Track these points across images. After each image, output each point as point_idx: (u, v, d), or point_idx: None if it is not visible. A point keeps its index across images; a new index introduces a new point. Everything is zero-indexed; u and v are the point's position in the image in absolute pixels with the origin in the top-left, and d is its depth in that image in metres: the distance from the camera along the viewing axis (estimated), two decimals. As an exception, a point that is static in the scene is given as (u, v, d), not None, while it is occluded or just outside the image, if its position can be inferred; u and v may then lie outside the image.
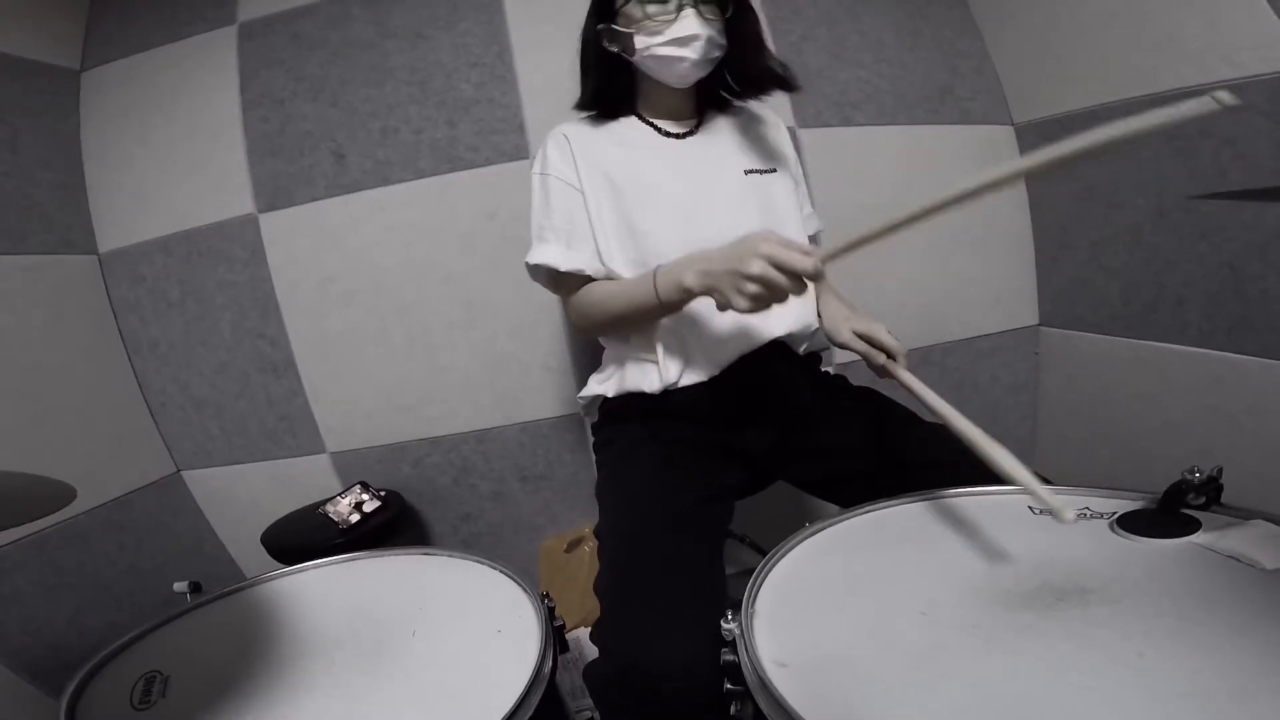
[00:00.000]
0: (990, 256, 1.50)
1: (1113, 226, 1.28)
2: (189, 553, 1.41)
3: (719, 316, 0.85)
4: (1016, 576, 0.57)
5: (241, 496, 1.44)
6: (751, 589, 0.59)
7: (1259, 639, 0.45)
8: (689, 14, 0.82)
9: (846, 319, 0.92)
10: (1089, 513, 0.65)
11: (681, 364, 0.88)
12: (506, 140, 1.36)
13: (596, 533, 0.81)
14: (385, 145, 1.36)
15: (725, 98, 0.97)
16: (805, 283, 0.67)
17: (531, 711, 0.53)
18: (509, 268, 1.33)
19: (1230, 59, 0.99)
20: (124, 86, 1.38)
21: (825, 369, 1.00)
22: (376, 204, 1.36)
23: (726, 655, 0.54)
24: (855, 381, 1.00)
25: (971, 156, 1.46)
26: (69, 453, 1.21)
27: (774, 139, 0.99)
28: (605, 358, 0.99)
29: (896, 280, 1.45)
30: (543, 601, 0.67)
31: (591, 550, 1.29)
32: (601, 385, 0.96)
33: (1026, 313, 1.52)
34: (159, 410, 1.42)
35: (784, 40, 1.40)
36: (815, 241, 1.04)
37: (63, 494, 0.54)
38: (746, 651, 0.52)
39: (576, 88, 0.96)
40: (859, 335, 0.89)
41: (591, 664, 0.66)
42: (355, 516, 1.23)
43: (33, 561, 1.12)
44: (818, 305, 0.96)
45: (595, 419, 1.00)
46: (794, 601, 0.58)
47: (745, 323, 0.86)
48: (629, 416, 0.93)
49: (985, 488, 0.72)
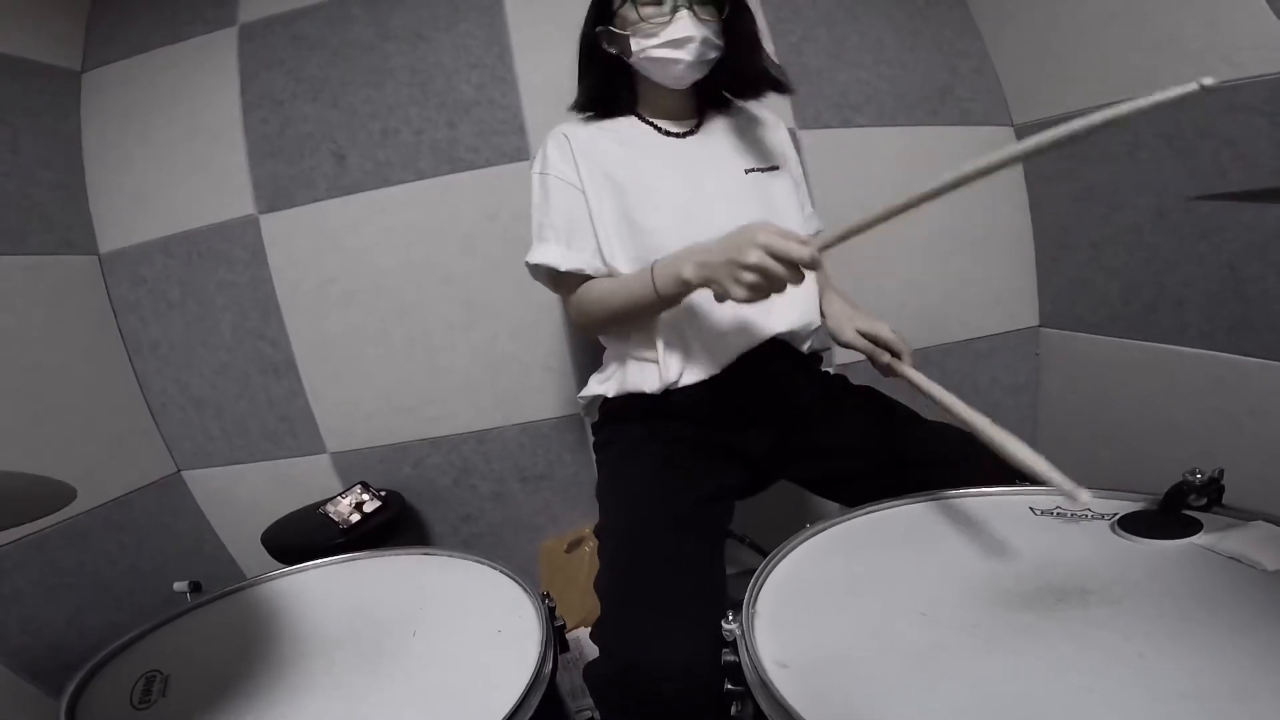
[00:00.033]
0: (990, 257, 1.49)
1: (1113, 227, 1.28)
2: (189, 553, 1.41)
3: (719, 311, 0.86)
4: (1017, 577, 0.57)
5: (242, 496, 1.44)
6: (752, 589, 0.59)
7: (1260, 640, 0.45)
8: (684, 16, 0.82)
9: (850, 318, 0.92)
10: (1090, 514, 0.65)
11: (682, 361, 0.87)
12: (507, 141, 1.36)
13: (597, 532, 0.81)
14: (386, 146, 1.36)
15: (726, 98, 0.97)
16: (803, 272, 0.67)
17: (532, 712, 0.53)
18: (509, 268, 1.33)
19: (1230, 59, 0.99)
20: (124, 87, 1.38)
21: (825, 369, 1.00)
22: (377, 205, 1.36)
23: (727, 655, 0.54)
24: (855, 381, 1.00)
25: (972, 157, 1.45)
26: (69, 453, 1.21)
27: (774, 139, 0.99)
28: (606, 357, 0.99)
29: (896, 281, 1.44)
30: (543, 601, 0.67)
31: (592, 550, 1.29)
32: (602, 385, 0.96)
33: (1027, 313, 1.52)
34: (159, 410, 1.42)
35: (784, 41, 1.40)
36: (816, 242, 1.04)
37: (63, 494, 0.54)
38: (747, 652, 0.52)
39: (576, 89, 0.96)
40: (863, 334, 0.89)
41: (592, 664, 0.66)
42: (355, 517, 1.23)
43: (33, 561, 1.12)
44: (821, 305, 0.96)
45: (595, 419, 1.00)
46: (795, 602, 0.58)
47: (745, 319, 0.86)
48: (629, 416, 0.93)
49: (986, 488, 0.73)
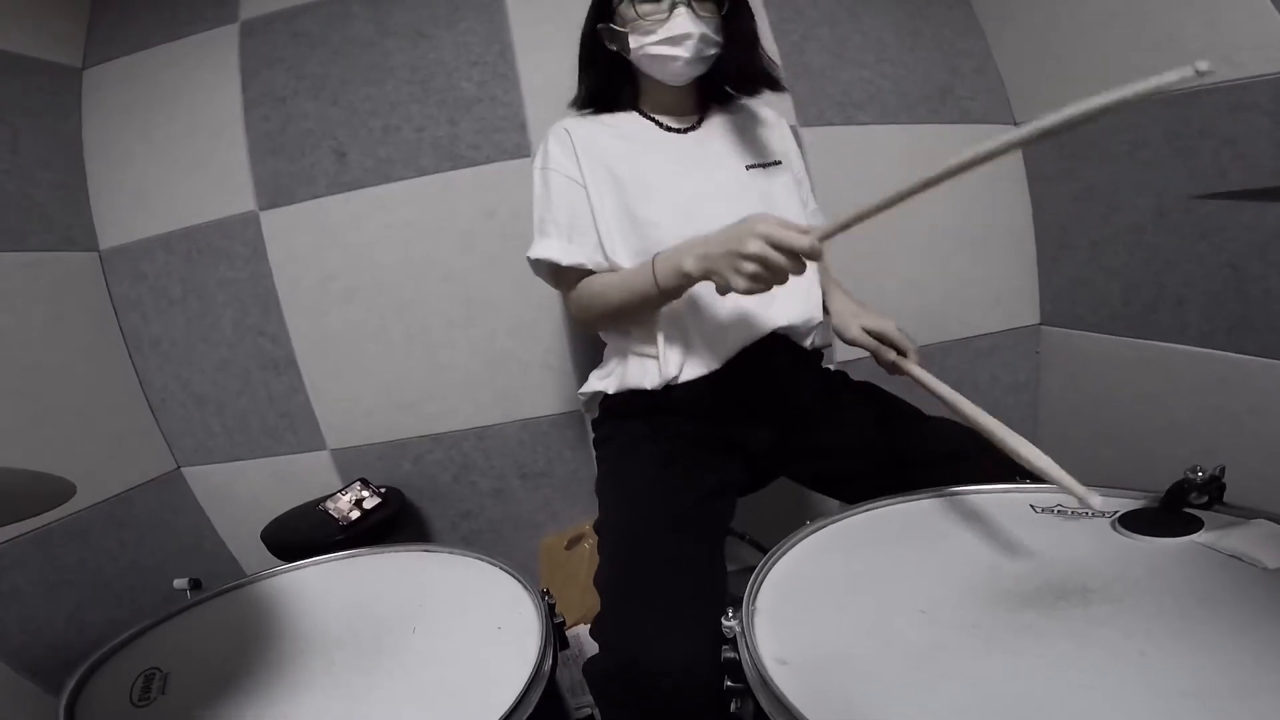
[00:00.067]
0: (991, 256, 1.49)
1: (1113, 226, 1.28)
2: (189, 549, 1.41)
3: (720, 305, 0.85)
4: (1018, 575, 0.57)
5: (242, 493, 1.44)
6: (752, 586, 0.59)
7: (1261, 638, 0.45)
8: (681, 13, 0.82)
9: (856, 315, 0.92)
10: (1090, 512, 0.65)
11: (682, 356, 0.87)
12: (508, 138, 1.36)
13: (597, 528, 0.81)
14: (386, 143, 1.36)
15: (728, 94, 0.97)
16: (804, 262, 0.67)
17: (531, 708, 0.53)
18: (509, 265, 1.33)
19: (1230, 59, 0.99)
20: (125, 84, 1.38)
21: (826, 365, 1.00)
22: (377, 202, 1.36)
23: (727, 652, 0.54)
24: (855, 377, 0.99)
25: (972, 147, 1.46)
26: (69, 449, 1.21)
27: (776, 135, 0.99)
28: (606, 353, 0.99)
29: (897, 280, 1.44)
30: (543, 598, 0.67)
31: (592, 547, 1.28)
32: (602, 381, 0.95)
33: (1027, 312, 1.52)
34: (160, 407, 1.42)
35: (786, 40, 1.40)
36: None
37: (63, 490, 0.54)
38: (747, 649, 0.52)
39: (577, 86, 0.96)
40: (869, 331, 0.89)
41: (591, 660, 0.66)
42: (355, 513, 1.23)
43: (33, 558, 1.12)
44: (826, 302, 0.96)
45: (596, 415, 1.00)
46: (795, 599, 0.58)
47: (746, 312, 0.86)
48: (630, 413, 0.92)
49: (987, 485, 0.73)
